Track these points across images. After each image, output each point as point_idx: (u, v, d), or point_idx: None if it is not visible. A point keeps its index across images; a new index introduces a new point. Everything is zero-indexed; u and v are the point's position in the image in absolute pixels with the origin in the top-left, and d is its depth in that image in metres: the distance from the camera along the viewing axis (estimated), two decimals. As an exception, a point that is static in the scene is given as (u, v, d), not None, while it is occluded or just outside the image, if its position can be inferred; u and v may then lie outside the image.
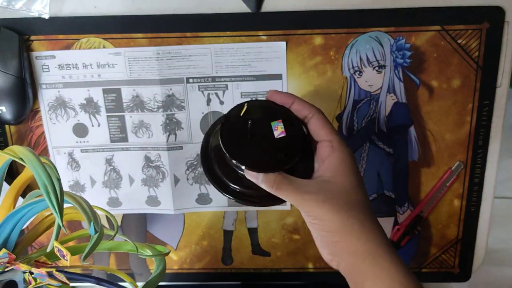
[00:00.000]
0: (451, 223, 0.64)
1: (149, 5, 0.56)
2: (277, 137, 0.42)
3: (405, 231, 0.64)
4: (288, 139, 0.42)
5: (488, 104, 0.58)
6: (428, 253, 0.66)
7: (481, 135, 0.60)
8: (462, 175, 0.62)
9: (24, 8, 0.55)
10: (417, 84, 0.58)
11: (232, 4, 0.55)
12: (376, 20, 0.56)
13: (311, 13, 0.56)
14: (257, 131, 0.42)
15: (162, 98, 0.59)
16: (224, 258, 0.67)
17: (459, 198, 0.63)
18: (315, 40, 0.57)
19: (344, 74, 0.58)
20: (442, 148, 0.61)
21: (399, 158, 0.61)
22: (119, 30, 0.57)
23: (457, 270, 0.67)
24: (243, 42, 0.57)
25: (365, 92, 0.59)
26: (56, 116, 0.60)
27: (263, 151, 0.42)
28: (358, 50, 0.57)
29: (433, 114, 0.59)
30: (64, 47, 0.58)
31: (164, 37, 0.57)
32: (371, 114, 0.60)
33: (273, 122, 0.43)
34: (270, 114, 0.43)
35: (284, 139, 0.42)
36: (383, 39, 0.56)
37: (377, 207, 0.64)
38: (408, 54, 0.57)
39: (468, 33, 0.56)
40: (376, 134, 0.60)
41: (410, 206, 0.64)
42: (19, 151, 0.40)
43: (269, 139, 0.42)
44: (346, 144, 0.43)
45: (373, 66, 0.58)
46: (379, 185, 0.63)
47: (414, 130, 0.60)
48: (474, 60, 0.57)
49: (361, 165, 0.62)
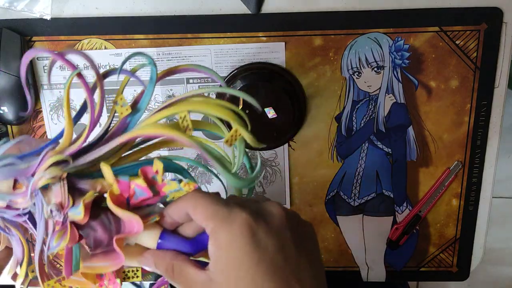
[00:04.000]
0: (449, 222, 0.65)
1: (150, 6, 0.56)
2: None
3: (404, 230, 0.65)
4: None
5: (486, 104, 0.59)
6: (426, 252, 0.67)
7: (479, 135, 0.60)
8: (460, 175, 0.62)
9: (26, 9, 0.55)
10: (416, 85, 0.59)
11: (232, 5, 0.56)
12: (375, 21, 0.56)
13: (310, 14, 0.56)
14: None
15: (163, 99, 0.60)
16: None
17: (458, 197, 0.63)
18: (315, 41, 0.57)
19: (343, 74, 0.58)
20: (441, 148, 0.61)
21: (398, 158, 0.62)
22: (120, 31, 0.57)
23: (456, 269, 0.67)
24: (243, 43, 0.57)
25: (364, 92, 0.59)
26: (57, 117, 0.61)
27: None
28: (357, 51, 0.57)
29: (431, 115, 0.60)
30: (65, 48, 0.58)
31: (165, 38, 0.57)
32: (370, 114, 0.60)
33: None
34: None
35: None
36: (382, 40, 0.57)
37: (376, 207, 0.64)
38: (406, 55, 0.57)
39: (466, 34, 0.56)
40: (375, 134, 0.61)
41: (409, 206, 0.64)
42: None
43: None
44: (235, 220, 0.31)
45: (372, 67, 0.58)
46: (378, 185, 0.63)
47: (412, 130, 0.61)
48: (472, 61, 0.57)
49: (360, 165, 0.62)
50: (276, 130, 0.57)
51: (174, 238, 0.34)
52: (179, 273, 0.32)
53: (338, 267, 0.67)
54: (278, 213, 0.33)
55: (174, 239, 0.34)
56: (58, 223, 0.33)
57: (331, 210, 0.65)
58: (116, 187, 0.33)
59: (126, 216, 0.33)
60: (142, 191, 0.33)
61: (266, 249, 0.30)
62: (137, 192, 0.34)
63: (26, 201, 0.34)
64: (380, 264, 0.67)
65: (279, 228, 0.32)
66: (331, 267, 0.67)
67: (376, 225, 0.65)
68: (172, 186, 0.34)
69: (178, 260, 0.33)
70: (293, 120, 0.57)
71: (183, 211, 0.33)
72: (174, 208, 0.34)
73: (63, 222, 0.33)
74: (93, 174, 0.35)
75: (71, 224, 0.33)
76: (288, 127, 0.58)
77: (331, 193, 0.64)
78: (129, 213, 0.33)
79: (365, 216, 0.65)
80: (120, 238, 0.33)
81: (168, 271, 0.33)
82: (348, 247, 0.67)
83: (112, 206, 0.33)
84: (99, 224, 0.34)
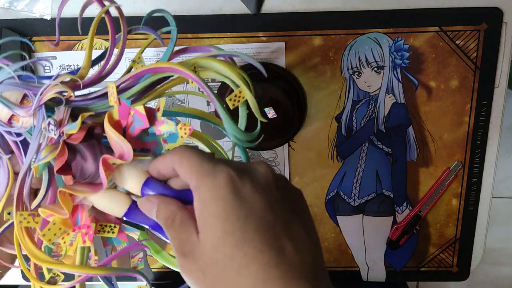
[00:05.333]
0: (449, 222, 0.65)
1: (150, 6, 0.56)
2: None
3: (404, 230, 0.65)
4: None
5: (486, 104, 0.59)
6: (426, 252, 0.67)
7: (479, 135, 0.60)
8: (460, 175, 0.62)
9: (26, 9, 0.55)
10: (416, 85, 0.59)
11: (232, 5, 0.56)
12: (375, 21, 0.56)
13: (310, 14, 0.56)
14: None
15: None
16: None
17: (458, 197, 0.63)
18: (315, 41, 0.57)
19: (343, 74, 0.58)
20: (441, 148, 0.61)
21: (398, 158, 0.62)
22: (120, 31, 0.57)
23: (456, 269, 0.67)
24: (243, 43, 0.57)
25: (364, 92, 0.59)
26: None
27: None
28: (357, 51, 0.57)
29: (431, 115, 0.60)
30: (66, 48, 0.58)
31: (165, 38, 0.57)
32: (370, 114, 0.60)
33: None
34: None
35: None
36: (382, 40, 0.57)
37: (376, 207, 0.64)
38: (406, 55, 0.57)
39: (466, 34, 0.56)
40: (375, 134, 0.61)
41: (409, 206, 0.64)
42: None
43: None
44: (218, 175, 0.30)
45: (372, 67, 0.58)
46: (378, 185, 0.63)
47: (412, 130, 0.61)
48: (472, 61, 0.57)
49: (360, 165, 0.62)
50: (276, 130, 0.57)
51: (159, 185, 0.34)
52: (178, 225, 0.31)
53: (338, 267, 0.67)
54: (265, 172, 0.31)
55: (159, 186, 0.33)
56: (52, 140, 0.34)
57: (331, 210, 0.65)
58: (116, 109, 0.33)
59: (119, 141, 0.32)
60: (140, 120, 0.33)
61: (253, 206, 0.29)
62: (135, 121, 0.33)
63: (27, 120, 0.34)
64: (380, 264, 0.67)
65: (266, 186, 0.31)
66: (331, 267, 0.67)
67: (376, 225, 0.65)
68: (169, 126, 0.34)
69: (184, 213, 0.31)
70: (293, 120, 0.57)
71: (170, 165, 0.32)
72: (162, 161, 0.33)
73: (57, 141, 0.33)
74: (96, 109, 0.36)
75: (64, 142, 0.33)
76: (288, 127, 0.58)
77: (331, 193, 0.64)
78: (122, 138, 0.32)
79: (365, 216, 0.65)
80: (107, 158, 0.32)
81: (169, 220, 0.31)
82: (348, 247, 0.67)
83: (108, 127, 0.33)
84: (89, 153, 0.34)
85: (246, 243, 0.28)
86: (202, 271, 0.29)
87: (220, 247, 0.28)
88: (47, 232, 0.32)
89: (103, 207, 0.35)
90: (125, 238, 0.37)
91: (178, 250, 0.30)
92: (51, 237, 0.33)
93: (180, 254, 0.30)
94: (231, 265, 0.28)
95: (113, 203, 0.35)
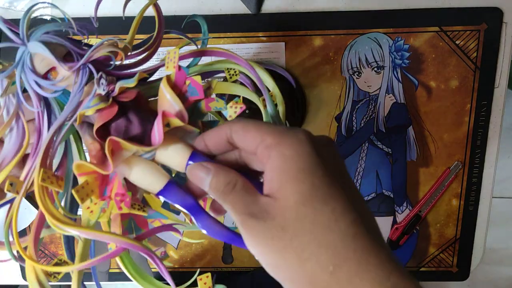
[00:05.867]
0: (449, 222, 0.65)
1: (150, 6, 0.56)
2: None
3: (404, 230, 0.65)
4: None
5: (486, 104, 0.59)
6: (426, 252, 0.67)
7: (479, 135, 0.60)
8: (460, 175, 0.62)
9: (26, 9, 0.55)
10: (416, 85, 0.59)
11: (232, 5, 0.56)
12: (375, 21, 0.56)
13: (310, 14, 0.56)
14: None
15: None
16: (225, 257, 0.67)
17: (458, 197, 0.63)
18: (315, 41, 0.57)
19: (343, 74, 0.58)
20: (441, 148, 0.61)
21: (398, 158, 0.62)
22: (120, 32, 0.57)
23: (456, 269, 0.67)
24: (243, 43, 0.57)
25: (364, 92, 0.59)
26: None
27: None
28: (357, 51, 0.57)
29: (431, 115, 0.60)
30: (66, 48, 0.58)
31: (165, 38, 0.57)
32: (370, 114, 0.60)
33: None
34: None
35: None
36: (382, 40, 0.57)
37: (376, 207, 0.64)
38: (406, 55, 0.57)
39: (466, 34, 0.56)
40: (375, 134, 0.61)
41: (409, 206, 0.64)
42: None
43: None
44: (297, 132, 0.30)
45: (372, 67, 0.58)
46: (378, 185, 0.63)
47: (412, 130, 0.61)
48: (472, 61, 0.57)
49: (360, 165, 0.62)
50: None
51: (207, 159, 0.32)
52: (240, 189, 0.30)
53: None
54: (319, 134, 0.33)
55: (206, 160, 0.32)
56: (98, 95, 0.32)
57: (331, 210, 0.65)
58: (174, 74, 0.33)
59: (173, 101, 0.31)
60: (195, 90, 0.32)
61: (335, 163, 0.31)
62: (189, 91, 0.33)
63: (68, 76, 0.33)
64: (380, 264, 0.67)
65: (331, 144, 0.32)
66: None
67: (376, 225, 0.65)
68: (219, 103, 0.33)
69: (243, 178, 0.31)
70: (293, 120, 0.57)
71: (225, 136, 0.31)
72: (215, 133, 0.32)
73: (103, 99, 0.32)
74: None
75: (113, 99, 0.32)
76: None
77: (331, 193, 0.64)
78: (177, 99, 0.31)
79: (365, 216, 0.65)
80: (167, 114, 0.31)
81: (229, 185, 0.31)
82: (348, 247, 0.67)
83: (165, 85, 0.32)
84: (136, 117, 0.33)
85: (333, 199, 0.29)
86: (282, 226, 0.29)
87: (308, 201, 0.28)
88: (80, 190, 0.30)
89: (141, 180, 0.32)
90: (146, 226, 0.36)
91: (245, 213, 0.30)
92: (83, 196, 0.31)
93: (248, 216, 0.30)
94: (320, 219, 0.28)
95: (153, 176, 0.33)
